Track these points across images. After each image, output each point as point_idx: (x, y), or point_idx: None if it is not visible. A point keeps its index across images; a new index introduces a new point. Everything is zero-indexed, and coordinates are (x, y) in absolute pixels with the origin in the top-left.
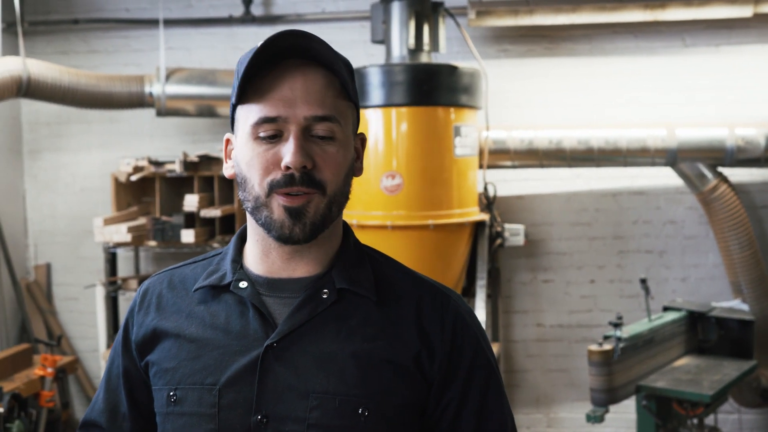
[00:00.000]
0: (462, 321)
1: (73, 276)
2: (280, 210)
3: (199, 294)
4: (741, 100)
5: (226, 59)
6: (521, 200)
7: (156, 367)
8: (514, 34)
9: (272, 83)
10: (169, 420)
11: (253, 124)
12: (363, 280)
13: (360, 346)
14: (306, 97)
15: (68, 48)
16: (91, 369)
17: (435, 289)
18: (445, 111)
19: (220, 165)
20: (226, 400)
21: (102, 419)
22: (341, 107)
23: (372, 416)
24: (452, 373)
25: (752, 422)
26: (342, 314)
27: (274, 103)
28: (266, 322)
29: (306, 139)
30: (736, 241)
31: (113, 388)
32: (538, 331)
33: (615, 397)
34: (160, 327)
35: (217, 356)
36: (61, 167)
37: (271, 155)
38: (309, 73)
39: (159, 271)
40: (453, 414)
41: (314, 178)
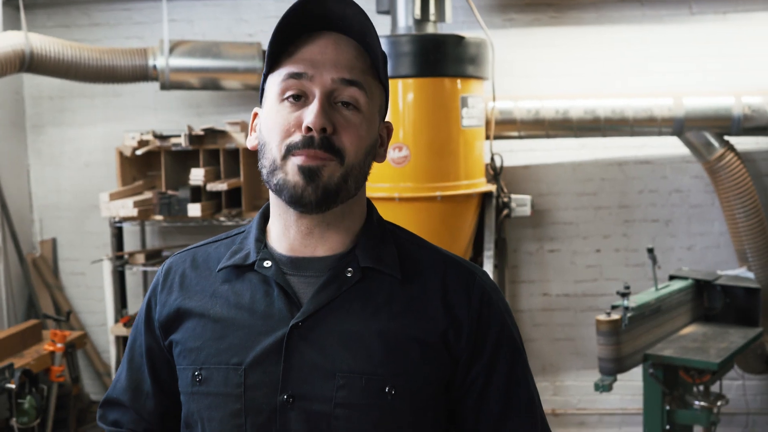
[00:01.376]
0: (488, 297)
1: (78, 251)
2: (294, 170)
3: (222, 273)
4: (748, 68)
5: (231, 31)
6: (527, 170)
7: (180, 346)
8: (520, 2)
9: (303, 47)
10: (194, 399)
11: (279, 81)
12: (387, 258)
13: (386, 325)
14: (335, 60)
15: (69, 21)
16: (99, 343)
17: (460, 265)
18: (452, 82)
19: (226, 138)
20: (251, 379)
21: (125, 397)
22: (369, 81)
23: (399, 394)
24: (479, 350)
25: (756, 388)
26: (367, 293)
27: (303, 62)
28: (291, 301)
29: (330, 105)
30: (741, 209)
31: (136, 366)
32: (545, 301)
33: (623, 366)
34: (184, 306)
35: (242, 336)
36: (65, 142)
37: (294, 117)
38: (341, 42)
39: (181, 250)
40: (479, 390)
41: (333, 143)
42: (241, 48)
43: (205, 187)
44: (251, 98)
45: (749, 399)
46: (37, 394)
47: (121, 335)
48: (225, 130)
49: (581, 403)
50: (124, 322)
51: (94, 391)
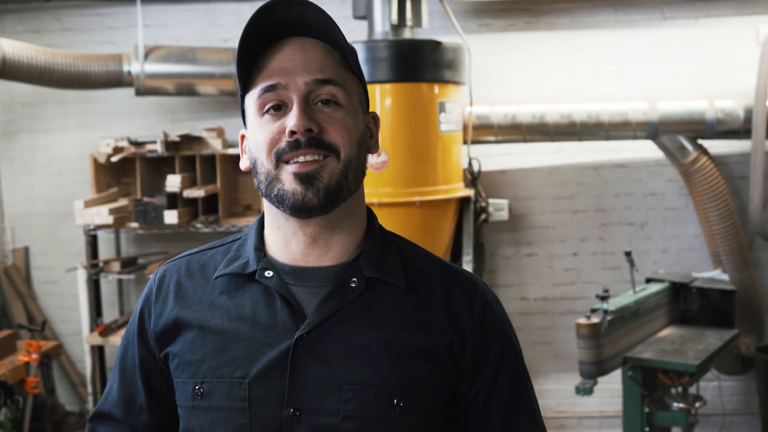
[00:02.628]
0: (490, 309)
1: (52, 259)
2: (290, 178)
3: (220, 282)
4: (720, 72)
5: (205, 36)
6: (504, 175)
7: (178, 359)
8: (496, 8)
9: (271, 59)
10: (195, 414)
11: (256, 98)
12: (391, 268)
13: (392, 335)
14: (305, 64)
15: (40, 27)
16: (74, 353)
17: (462, 276)
18: (430, 87)
19: (202, 144)
20: (256, 393)
21: (117, 411)
22: (343, 76)
23: (407, 406)
24: (482, 361)
25: (732, 389)
26: (372, 303)
27: (274, 73)
28: (295, 312)
29: (309, 107)
30: (715, 212)
31: (128, 378)
32: (523, 305)
33: (603, 369)
34: (181, 317)
35: (245, 348)
36: (37, 149)
37: (276, 127)
38: (306, 44)
39: (174, 258)
40: (483, 401)
41: (323, 140)
42: (217, 53)
43: (182, 194)
44: (227, 104)
45: (725, 400)
46: (12, 406)
47: (96, 344)
48: (201, 136)
49: (561, 407)
50: (99, 331)
51: (69, 401)
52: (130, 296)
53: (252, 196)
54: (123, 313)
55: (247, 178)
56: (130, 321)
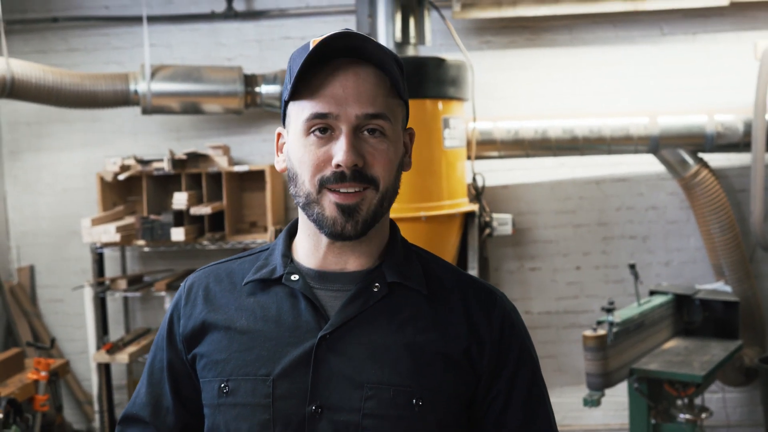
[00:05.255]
0: (509, 318)
1: (57, 277)
2: (332, 207)
3: (248, 287)
4: (719, 86)
5: (209, 55)
6: (507, 190)
7: (205, 359)
8: (497, 25)
9: (324, 81)
10: (221, 411)
11: (305, 119)
12: (413, 275)
13: (413, 338)
14: (357, 95)
15: (47, 47)
16: (80, 371)
17: (481, 286)
18: (434, 103)
19: (208, 162)
20: (280, 390)
21: (145, 413)
22: (392, 105)
23: (426, 407)
24: (500, 368)
25: (736, 400)
26: (393, 307)
27: (326, 101)
28: (318, 313)
29: (357, 137)
30: (717, 224)
31: (156, 381)
32: (527, 319)
33: (610, 380)
34: (209, 319)
35: (270, 347)
36: (42, 168)
37: (323, 153)
38: (360, 72)
39: (202, 267)
40: (500, 408)
41: (366, 174)
42: (222, 72)
43: (188, 211)
44: (231, 122)
45: (729, 411)
46: (22, 424)
47: (103, 362)
48: (207, 153)
49: (566, 420)
50: (106, 348)
51: (75, 420)
52: (136, 314)
53: (257, 213)
54: (129, 330)
55: (253, 195)
56: (160, 327)
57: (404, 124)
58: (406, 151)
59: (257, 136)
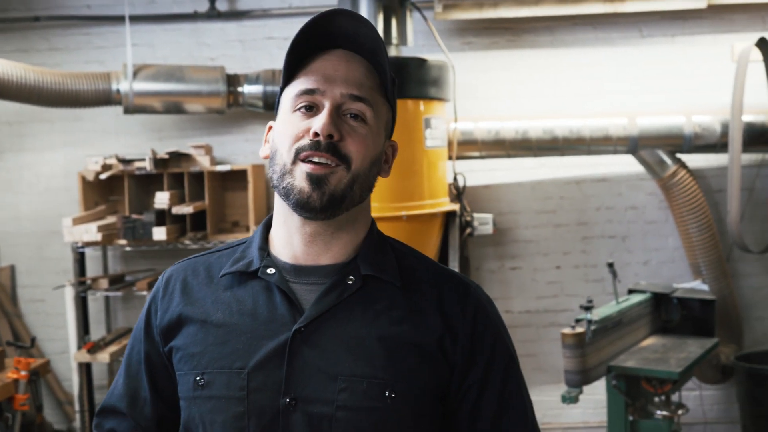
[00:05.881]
0: (483, 309)
1: (38, 277)
2: (302, 176)
3: (224, 280)
4: (697, 88)
5: (192, 55)
6: (488, 190)
7: (181, 352)
8: (478, 26)
9: (317, 63)
10: (196, 404)
11: (293, 96)
12: (387, 267)
13: (386, 330)
14: (346, 77)
15: (28, 46)
16: (61, 371)
17: (455, 277)
18: (415, 103)
19: (190, 162)
20: (255, 383)
21: (122, 404)
22: (376, 98)
23: (398, 398)
24: (474, 359)
25: (713, 398)
26: (368, 299)
27: (316, 78)
28: (294, 307)
29: (338, 116)
30: (694, 224)
31: (134, 373)
32: (507, 318)
33: (588, 377)
34: (185, 313)
35: (245, 341)
36: (23, 167)
37: (304, 125)
38: (353, 60)
39: (180, 260)
40: (474, 399)
41: (339, 150)
42: (204, 72)
43: (170, 211)
44: (214, 121)
45: (706, 409)
46: (1, 423)
47: (84, 362)
48: (189, 153)
49: (545, 418)
50: (87, 348)
51: (56, 420)
52: (118, 313)
53: (239, 213)
54: (110, 330)
55: (236, 194)
56: (138, 319)
57: (389, 131)
58: (386, 159)
59: (240, 135)
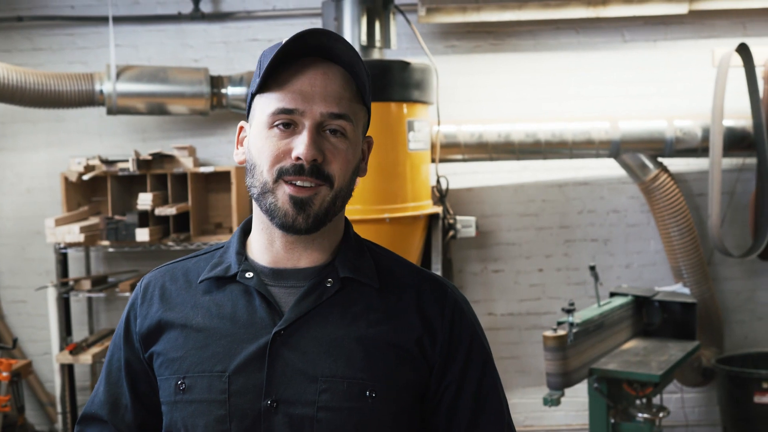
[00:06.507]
0: (460, 309)
1: (20, 278)
2: (285, 198)
3: (203, 285)
4: (678, 93)
5: (176, 56)
6: (471, 192)
7: (162, 357)
8: (461, 30)
9: (292, 76)
10: (178, 408)
11: (270, 113)
12: (365, 269)
13: (365, 331)
14: (324, 94)
15: (11, 46)
16: (42, 373)
17: (433, 278)
18: (398, 106)
19: (174, 163)
20: (236, 386)
21: (103, 412)
22: (355, 108)
23: (379, 398)
24: (452, 358)
25: (694, 400)
26: (346, 301)
27: (293, 97)
28: (273, 310)
29: (318, 134)
30: (676, 228)
31: (114, 380)
32: (490, 320)
33: (570, 380)
34: (165, 318)
35: (225, 344)
36: (6, 167)
37: (284, 144)
38: (329, 72)
39: (158, 266)
40: (452, 398)
41: (323, 171)
42: (188, 73)
43: (153, 212)
44: (197, 123)
45: (688, 411)
46: None
47: (66, 363)
48: (173, 154)
49: (528, 420)
50: (69, 349)
51: (37, 422)
52: (100, 315)
53: (223, 215)
54: (93, 332)
55: (219, 196)
56: (117, 326)
57: (365, 130)
58: (363, 158)
59: (223, 137)
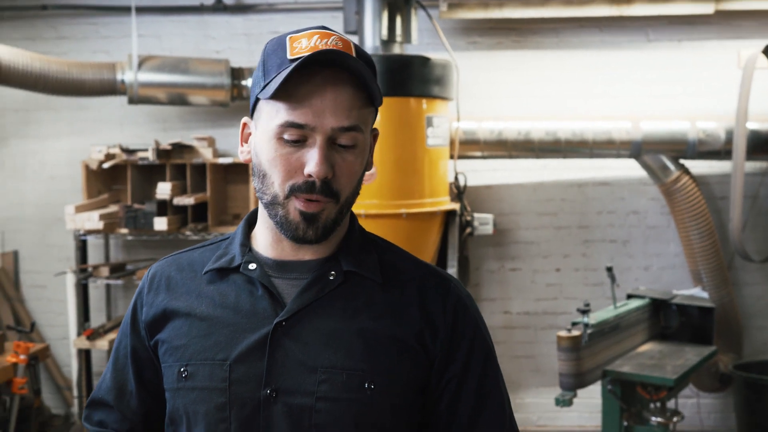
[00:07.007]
0: (462, 304)
1: (40, 263)
2: (296, 213)
3: (208, 275)
4: (702, 94)
5: (198, 47)
6: (490, 190)
7: (166, 345)
8: (484, 26)
9: (301, 87)
10: (180, 395)
11: (279, 124)
12: (368, 264)
13: (366, 324)
14: (334, 107)
15: (35, 34)
16: (60, 357)
17: (436, 273)
18: (418, 102)
19: (193, 153)
20: (236, 374)
21: (109, 397)
22: (365, 114)
23: (378, 390)
24: (453, 353)
25: (710, 406)
26: (348, 295)
27: (303, 111)
28: (275, 301)
29: (329, 148)
30: (696, 231)
31: (120, 367)
32: (506, 319)
33: (583, 381)
34: (170, 306)
35: (227, 333)
36: (29, 154)
37: (295, 159)
38: (339, 83)
39: (164, 257)
40: (453, 393)
41: (331, 187)
42: (209, 64)
43: (172, 201)
44: (218, 114)
45: (704, 417)
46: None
47: (83, 348)
48: (192, 145)
49: (541, 420)
50: (87, 335)
51: (54, 405)
52: (118, 302)
53: (241, 206)
54: (110, 318)
55: (237, 187)
56: (125, 314)
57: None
58: (370, 150)
59: None
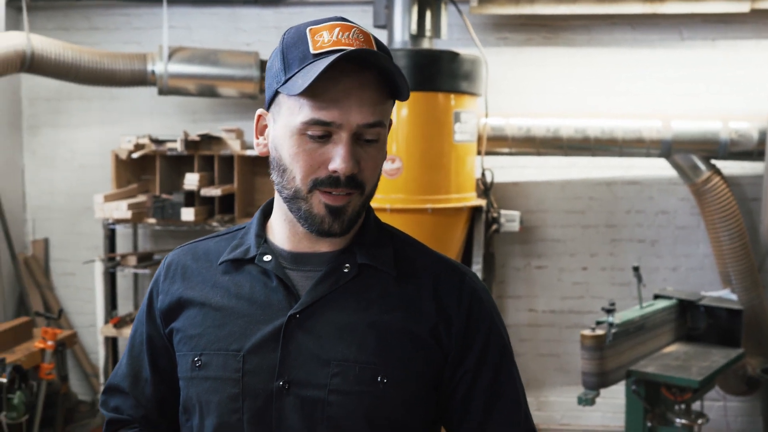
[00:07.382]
0: (478, 297)
1: (70, 251)
2: (320, 207)
3: (223, 266)
4: (735, 93)
5: (228, 40)
6: (517, 187)
7: (181, 333)
8: (514, 22)
9: (328, 84)
10: (194, 384)
11: (303, 121)
12: (383, 256)
13: (379, 317)
14: (360, 104)
15: (69, 24)
16: (88, 344)
17: (452, 266)
18: (446, 97)
19: (221, 145)
20: (250, 365)
21: (125, 384)
22: (387, 109)
23: (390, 383)
24: (468, 347)
25: (737, 410)
26: (362, 287)
27: (328, 108)
28: (290, 293)
29: (354, 143)
30: (726, 232)
31: (136, 354)
32: (531, 316)
33: (606, 381)
34: (185, 296)
35: (242, 324)
36: (60, 143)
37: (319, 155)
38: (363, 78)
39: (181, 245)
40: (467, 387)
41: (357, 180)
42: (238, 56)
43: (199, 192)
44: (247, 106)
45: (730, 420)
46: (27, 390)
47: (110, 336)
48: (220, 136)
49: (564, 419)
50: (114, 323)
51: (81, 391)
52: (145, 291)
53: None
54: (137, 306)
55: (264, 179)
56: (142, 303)
57: None
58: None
59: None
